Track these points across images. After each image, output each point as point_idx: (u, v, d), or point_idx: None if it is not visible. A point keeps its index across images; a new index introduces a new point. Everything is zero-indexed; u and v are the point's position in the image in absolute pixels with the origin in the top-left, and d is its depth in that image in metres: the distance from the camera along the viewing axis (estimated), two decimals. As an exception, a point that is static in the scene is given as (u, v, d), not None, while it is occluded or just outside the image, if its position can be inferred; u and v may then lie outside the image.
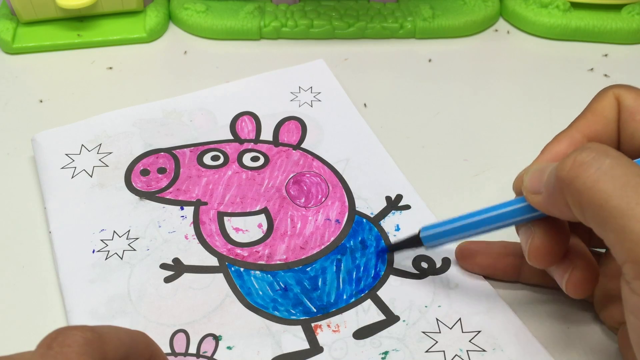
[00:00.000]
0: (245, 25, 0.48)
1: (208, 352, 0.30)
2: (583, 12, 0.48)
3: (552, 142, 0.29)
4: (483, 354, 0.30)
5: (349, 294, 0.33)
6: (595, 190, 0.23)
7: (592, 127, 0.28)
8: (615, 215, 0.22)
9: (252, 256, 0.34)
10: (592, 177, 0.23)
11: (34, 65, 0.47)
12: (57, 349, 0.21)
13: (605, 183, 0.22)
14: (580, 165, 0.23)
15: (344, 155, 0.39)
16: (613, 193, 0.22)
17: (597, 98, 0.29)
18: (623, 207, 0.22)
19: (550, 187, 0.25)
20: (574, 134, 0.28)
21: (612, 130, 0.28)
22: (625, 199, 0.22)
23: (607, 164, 0.23)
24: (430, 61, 0.46)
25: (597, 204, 0.23)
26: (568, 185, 0.24)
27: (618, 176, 0.22)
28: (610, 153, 0.23)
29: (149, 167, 0.38)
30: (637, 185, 0.22)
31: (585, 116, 0.29)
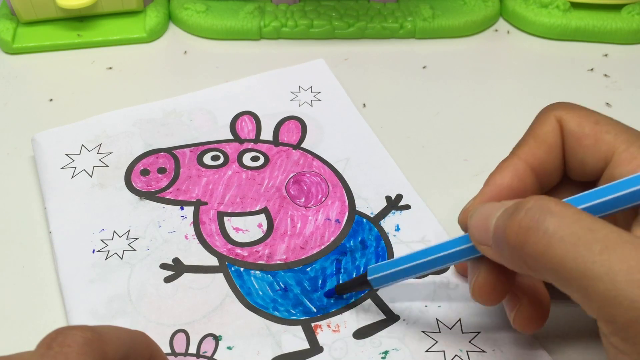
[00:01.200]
0: (245, 25, 0.48)
1: (208, 352, 0.30)
2: (583, 12, 0.48)
3: (495, 172, 0.28)
4: (483, 355, 0.30)
5: (349, 294, 0.33)
6: (547, 257, 0.21)
7: (536, 155, 0.27)
8: (574, 277, 0.21)
9: (252, 256, 0.34)
10: (541, 242, 0.21)
11: (34, 66, 0.47)
12: (57, 349, 0.21)
13: (556, 247, 0.21)
14: (527, 232, 0.22)
15: (344, 155, 0.39)
16: (566, 256, 0.21)
17: (538, 121, 0.28)
18: (580, 269, 0.21)
19: (500, 245, 0.24)
20: (518, 164, 0.27)
21: (555, 156, 0.27)
22: (580, 259, 0.21)
23: (553, 226, 0.21)
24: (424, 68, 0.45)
25: (553, 269, 0.21)
26: (519, 252, 0.22)
27: (567, 236, 0.21)
28: (553, 209, 0.22)
29: (149, 167, 0.38)
30: (589, 243, 0.21)
31: (527, 142, 0.28)
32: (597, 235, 0.21)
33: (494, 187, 0.27)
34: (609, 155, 0.25)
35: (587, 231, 0.21)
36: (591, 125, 0.26)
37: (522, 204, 0.23)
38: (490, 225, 0.24)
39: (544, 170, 0.27)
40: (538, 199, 0.22)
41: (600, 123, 0.26)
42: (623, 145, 0.25)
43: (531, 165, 0.27)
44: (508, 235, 0.23)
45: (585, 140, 0.26)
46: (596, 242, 0.21)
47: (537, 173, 0.27)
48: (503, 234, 0.23)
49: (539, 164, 0.27)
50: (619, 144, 0.25)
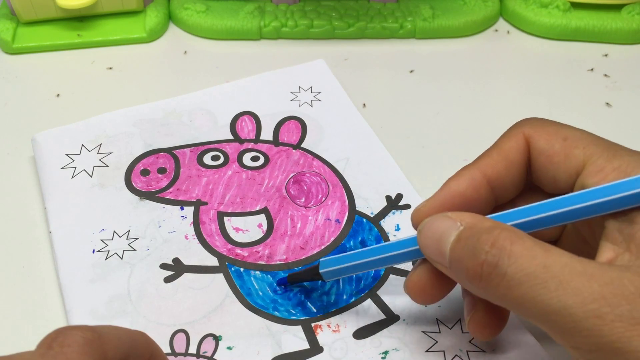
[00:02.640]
0: (245, 25, 0.48)
1: (208, 352, 0.30)
2: (583, 12, 0.48)
3: (453, 177, 0.28)
4: (483, 355, 0.30)
5: (349, 294, 0.33)
6: (509, 297, 0.23)
7: (495, 168, 0.27)
8: (535, 314, 0.22)
9: (252, 256, 0.34)
10: (502, 286, 0.23)
11: (33, 66, 0.47)
12: (57, 349, 0.21)
13: (516, 290, 0.22)
14: (488, 276, 0.23)
15: (344, 155, 0.39)
16: (525, 296, 0.22)
17: (506, 136, 0.28)
18: (540, 307, 0.22)
19: (457, 273, 0.25)
20: (475, 174, 0.27)
21: (514, 173, 0.27)
22: (538, 298, 0.22)
23: (511, 269, 0.22)
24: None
25: (515, 307, 0.23)
26: (482, 290, 0.24)
27: (524, 277, 0.22)
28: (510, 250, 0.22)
29: (149, 167, 0.38)
30: (545, 281, 0.22)
31: (490, 154, 0.28)
32: (551, 272, 0.22)
33: (448, 193, 0.27)
34: (579, 170, 0.26)
35: (542, 269, 0.22)
36: (560, 142, 0.26)
37: (480, 245, 0.23)
38: (445, 251, 0.25)
39: (500, 185, 0.27)
40: (494, 239, 0.23)
41: (569, 139, 0.26)
42: (591, 159, 0.25)
43: (488, 177, 0.27)
44: (468, 275, 0.24)
45: (555, 158, 0.26)
46: (551, 279, 0.22)
47: (493, 186, 0.27)
48: (463, 270, 0.24)
49: (496, 178, 0.27)
50: (588, 157, 0.25)
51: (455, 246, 0.24)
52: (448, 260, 0.25)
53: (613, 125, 0.43)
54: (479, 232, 0.24)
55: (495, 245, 0.23)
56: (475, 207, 0.27)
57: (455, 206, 0.27)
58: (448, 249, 0.25)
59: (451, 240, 0.24)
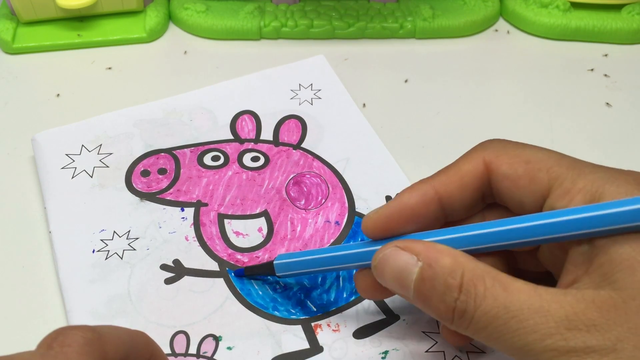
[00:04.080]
0: (245, 25, 0.48)
1: (208, 352, 0.30)
2: (583, 12, 0.48)
3: (406, 190, 0.28)
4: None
5: (349, 293, 0.33)
6: (478, 336, 0.24)
7: (448, 187, 0.27)
8: (504, 351, 0.23)
9: (252, 262, 0.34)
10: (471, 327, 0.24)
11: (33, 66, 0.47)
12: (57, 349, 0.21)
13: (483, 332, 0.23)
14: (460, 318, 0.24)
15: (344, 155, 0.39)
16: (491, 337, 0.23)
17: (466, 157, 0.28)
18: (505, 346, 0.23)
19: (422, 304, 0.25)
20: (428, 190, 0.28)
21: (467, 196, 0.27)
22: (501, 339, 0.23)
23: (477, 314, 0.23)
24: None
25: (485, 343, 0.24)
26: (452, 327, 0.25)
27: (490, 320, 0.23)
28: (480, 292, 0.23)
29: (150, 168, 0.38)
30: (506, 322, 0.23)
31: (447, 173, 0.28)
32: (512, 312, 0.23)
33: (398, 205, 0.28)
34: (546, 193, 0.25)
35: (503, 310, 0.23)
36: (523, 165, 0.26)
37: (450, 291, 0.24)
38: (409, 287, 0.25)
39: (451, 204, 0.28)
40: (460, 282, 0.24)
41: (531, 162, 0.26)
42: (557, 182, 0.25)
43: (440, 195, 0.27)
44: (439, 314, 0.25)
45: (520, 182, 0.26)
46: (512, 320, 0.23)
47: (443, 205, 0.28)
48: (432, 308, 0.25)
49: (448, 197, 0.27)
50: (552, 180, 0.25)
51: (420, 286, 0.25)
52: (412, 295, 0.25)
53: (613, 125, 0.43)
54: (443, 274, 0.24)
55: (462, 291, 0.24)
56: (423, 222, 0.28)
57: (404, 218, 0.27)
58: (412, 286, 0.25)
59: (413, 278, 0.25)
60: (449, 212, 0.28)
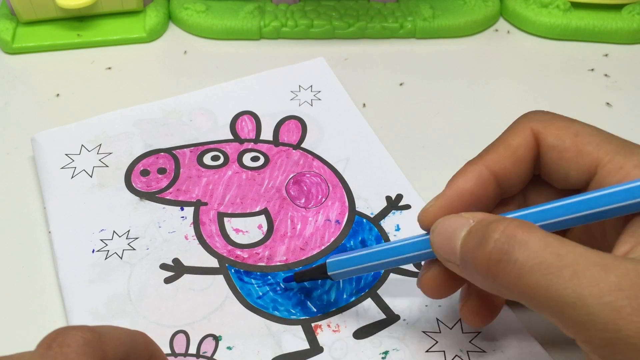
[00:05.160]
0: (245, 25, 0.48)
1: (208, 352, 0.30)
2: (583, 12, 0.48)
3: (458, 174, 0.27)
4: (483, 355, 0.30)
5: (349, 293, 0.33)
6: (520, 286, 0.22)
7: (502, 164, 0.27)
8: (549, 306, 0.21)
9: (252, 258, 0.34)
10: (512, 274, 0.22)
11: (33, 65, 0.46)
12: (57, 349, 0.21)
13: (527, 278, 0.21)
14: (497, 264, 0.22)
15: (344, 155, 0.39)
16: (538, 285, 0.21)
17: (512, 131, 0.27)
18: (553, 296, 0.21)
19: (468, 268, 0.24)
20: (482, 171, 0.27)
21: (522, 169, 0.27)
22: (551, 287, 0.21)
23: (521, 256, 0.22)
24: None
25: (527, 297, 0.22)
26: (491, 282, 0.23)
27: (537, 266, 0.21)
28: (521, 238, 0.22)
29: (149, 168, 0.38)
30: (558, 270, 0.21)
31: (497, 149, 0.27)
32: (566, 261, 0.21)
33: (455, 191, 0.27)
34: (592, 168, 0.25)
35: (555, 257, 0.21)
36: (571, 137, 0.26)
37: (489, 233, 0.23)
38: (456, 247, 0.24)
39: (508, 181, 0.27)
40: (505, 227, 0.23)
41: (580, 134, 0.26)
42: (607, 157, 0.25)
43: (496, 174, 0.27)
44: (478, 266, 0.23)
45: (567, 154, 0.26)
46: (565, 268, 0.21)
47: (500, 182, 0.27)
48: (473, 263, 0.23)
49: (504, 174, 0.27)
50: (602, 155, 0.25)
51: (465, 240, 0.24)
52: (459, 256, 0.24)
53: (613, 125, 0.42)
54: (489, 222, 0.23)
55: (505, 232, 0.22)
56: (482, 203, 0.27)
57: (463, 204, 0.27)
58: (459, 245, 0.24)
59: (462, 235, 0.24)
60: (505, 189, 0.27)
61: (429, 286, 0.28)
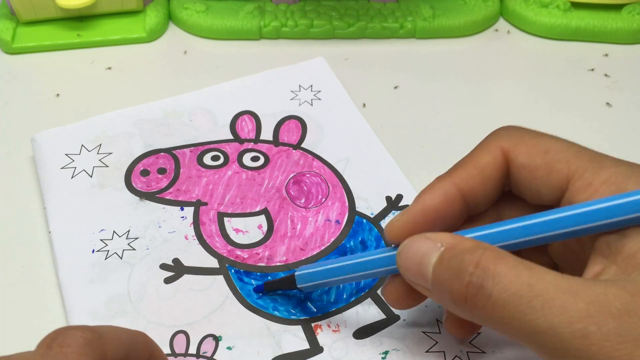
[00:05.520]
0: (245, 25, 0.48)
1: (208, 352, 0.30)
2: (583, 12, 0.48)
3: (425, 191, 0.27)
4: (483, 355, 0.30)
5: (349, 293, 0.33)
6: (495, 319, 0.22)
7: (470, 183, 0.27)
8: (522, 335, 0.22)
9: (252, 258, 0.34)
10: (487, 307, 0.22)
11: (33, 65, 0.46)
12: (57, 349, 0.21)
13: (501, 311, 0.22)
14: (473, 298, 0.23)
15: (344, 155, 0.39)
16: (512, 316, 0.22)
17: (482, 149, 0.27)
18: (526, 327, 0.21)
19: (441, 296, 0.24)
20: (449, 188, 0.27)
21: (490, 188, 0.27)
22: (524, 318, 0.21)
23: (496, 290, 0.22)
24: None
25: (501, 328, 0.22)
26: (468, 312, 0.23)
27: (509, 297, 0.22)
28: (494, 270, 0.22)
29: (149, 168, 0.38)
30: (530, 300, 0.21)
31: (465, 167, 0.27)
32: (536, 291, 0.21)
33: (422, 207, 0.27)
34: (564, 184, 0.25)
35: (526, 288, 0.21)
36: (541, 155, 0.26)
37: (464, 266, 0.23)
38: (427, 274, 0.24)
39: (475, 199, 0.27)
40: (478, 260, 0.23)
41: (550, 152, 0.25)
42: (577, 174, 0.24)
43: (463, 192, 0.27)
44: (453, 299, 0.23)
45: (537, 172, 0.26)
46: (536, 299, 0.21)
47: (467, 200, 0.27)
48: (448, 294, 0.23)
49: (471, 193, 0.27)
50: (572, 172, 0.25)
51: (437, 268, 0.24)
52: (430, 283, 0.24)
53: (613, 125, 0.43)
54: (462, 252, 0.23)
55: (479, 266, 0.23)
56: (448, 221, 0.27)
57: (429, 220, 0.27)
58: (430, 272, 0.24)
59: (433, 262, 0.24)
60: (472, 206, 0.27)
61: (392, 297, 0.28)
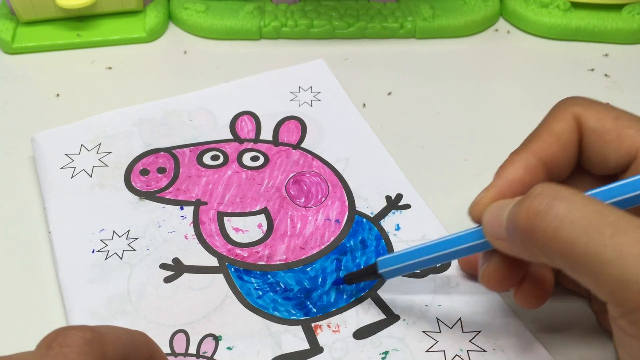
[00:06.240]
0: (245, 25, 0.48)
1: (208, 352, 0.30)
2: (583, 12, 0.48)
3: (506, 164, 0.27)
4: (483, 354, 0.30)
5: (349, 294, 0.33)
6: (558, 240, 0.21)
7: (549, 151, 0.27)
8: (585, 263, 0.21)
9: (252, 257, 0.34)
10: (551, 226, 0.21)
11: (33, 65, 0.46)
12: (57, 349, 0.21)
13: (567, 230, 0.21)
14: (536, 216, 0.22)
15: (344, 155, 0.39)
16: (577, 240, 0.21)
17: (554, 117, 0.27)
18: (591, 253, 0.21)
19: (512, 234, 0.24)
20: (530, 159, 0.27)
21: (569, 154, 0.27)
22: (590, 243, 0.21)
23: (563, 210, 0.21)
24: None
25: (563, 253, 0.21)
26: (529, 237, 0.22)
27: (577, 220, 0.21)
28: (563, 194, 0.22)
29: (149, 167, 0.38)
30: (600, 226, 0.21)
31: (541, 136, 0.27)
32: (608, 220, 0.21)
33: (505, 181, 0.27)
34: (633, 151, 0.25)
35: (597, 215, 0.21)
36: (612, 121, 0.26)
37: (531, 191, 0.23)
38: (503, 219, 0.24)
39: (555, 167, 0.27)
40: (547, 185, 0.23)
41: (621, 118, 0.26)
42: None
43: (543, 160, 0.27)
44: (518, 221, 0.23)
45: (607, 137, 0.26)
46: (607, 226, 0.21)
47: (548, 168, 0.27)
48: (514, 220, 0.23)
49: (552, 160, 0.27)
50: None
51: (512, 208, 0.24)
52: (505, 226, 0.24)
53: (613, 125, 0.43)
54: (533, 193, 0.23)
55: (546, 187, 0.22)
56: None
57: (514, 193, 0.26)
58: (505, 217, 0.24)
59: (509, 209, 0.24)
60: (554, 175, 0.27)
61: (490, 279, 0.27)
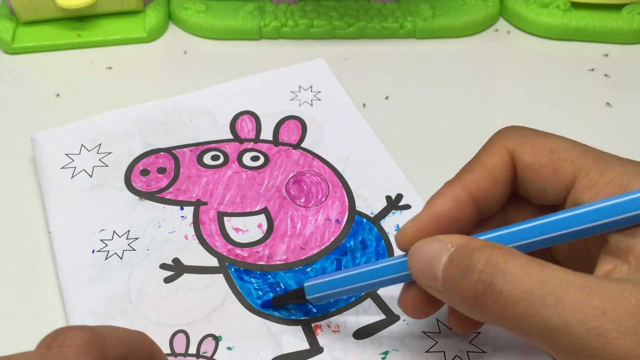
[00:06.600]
0: (245, 25, 0.48)
1: (208, 352, 0.30)
2: (583, 12, 0.48)
3: (437, 195, 0.27)
4: (483, 355, 0.30)
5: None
6: (506, 317, 0.22)
7: (479, 185, 0.26)
8: (535, 332, 0.21)
9: (252, 257, 0.34)
10: (498, 305, 0.22)
11: (33, 65, 0.46)
12: (57, 349, 0.21)
13: (513, 308, 0.21)
14: (483, 296, 0.22)
15: (344, 155, 0.39)
16: (524, 314, 0.21)
17: (488, 150, 0.27)
18: (539, 324, 0.21)
19: (451, 297, 0.24)
20: (460, 192, 0.26)
21: (499, 189, 0.27)
22: (537, 316, 0.21)
23: (506, 287, 0.22)
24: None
25: (514, 326, 0.22)
26: (478, 311, 0.23)
27: (521, 294, 0.21)
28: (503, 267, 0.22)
29: (149, 167, 0.38)
30: (542, 297, 0.21)
31: (473, 170, 0.27)
32: (549, 287, 0.21)
33: (433, 213, 0.26)
34: (569, 183, 0.25)
35: (538, 285, 0.21)
36: (547, 154, 0.26)
37: (473, 263, 0.23)
38: (438, 274, 0.24)
39: (486, 201, 0.27)
40: (487, 257, 0.22)
41: (555, 151, 0.25)
42: (582, 173, 0.24)
43: (473, 195, 0.27)
44: (463, 297, 0.23)
45: (543, 172, 0.26)
46: (549, 295, 0.21)
47: (478, 203, 0.27)
48: (458, 293, 0.23)
49: (482, 196, 0.27)
50: (577, 171, 0.25)
51: (447, 267, 0.24)
52: (441, 283, 0.24)
53: (613, 125, 0.43)
54: (472, 251, 0.23)
55: (488, 263, 0.22)
56: (460, 225, 0.27)
57: (441, 226, 0.26)
58: (440, 272, 0.24)
59: (443, 262, 0.24)
60: (484, 209, 0.27)
61: (409, 307, 0.28)
